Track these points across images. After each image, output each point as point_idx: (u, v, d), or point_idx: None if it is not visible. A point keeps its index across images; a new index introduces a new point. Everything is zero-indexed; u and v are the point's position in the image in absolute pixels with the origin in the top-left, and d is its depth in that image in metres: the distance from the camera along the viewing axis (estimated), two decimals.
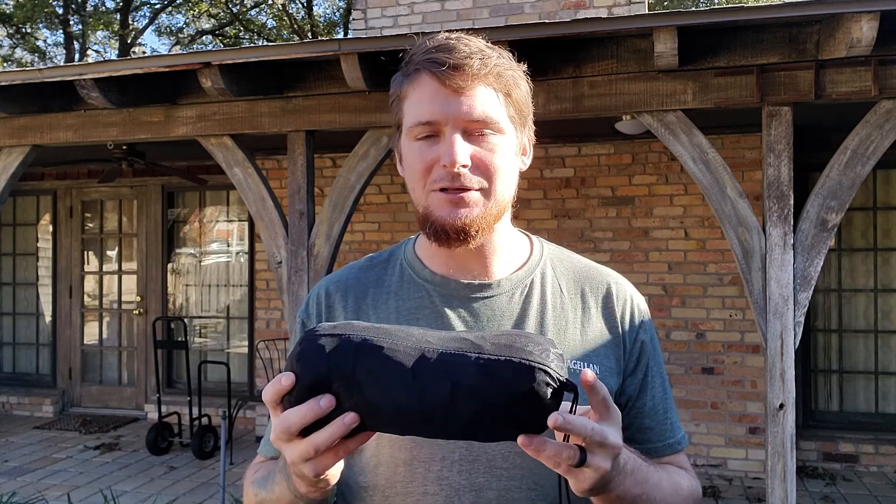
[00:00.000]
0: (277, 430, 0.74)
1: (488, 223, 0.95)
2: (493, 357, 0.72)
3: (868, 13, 2.74)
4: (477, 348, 0.73)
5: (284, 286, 3.71)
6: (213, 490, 4.82)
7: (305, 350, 0.74)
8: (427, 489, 0.95)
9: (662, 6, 15.84)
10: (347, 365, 0.72)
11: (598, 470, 0.75)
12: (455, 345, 0.74)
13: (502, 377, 0.71)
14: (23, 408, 7.04)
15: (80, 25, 16.40)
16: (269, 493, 0.92)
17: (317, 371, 0.72)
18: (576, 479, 0.76)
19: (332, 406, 0.71)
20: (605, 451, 0.75)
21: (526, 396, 0.70)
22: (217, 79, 3.45)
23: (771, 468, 3.08)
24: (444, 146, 0.92)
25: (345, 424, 0.72)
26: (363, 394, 0.72)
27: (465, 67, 0.91)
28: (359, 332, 0.75)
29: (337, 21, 17.25)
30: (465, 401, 0.71)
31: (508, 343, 0.73)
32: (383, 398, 0.71)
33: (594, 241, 5.36)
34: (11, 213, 7.35)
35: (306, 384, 0.72)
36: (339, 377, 0.72)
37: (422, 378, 0.71)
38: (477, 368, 0.71)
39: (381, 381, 0.71)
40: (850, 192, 3.04)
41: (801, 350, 4.96)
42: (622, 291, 1.05)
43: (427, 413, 0.71)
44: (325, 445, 0.73)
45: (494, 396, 0.70)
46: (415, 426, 0.73)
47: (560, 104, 3.38)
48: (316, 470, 0.75)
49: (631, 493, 0.84)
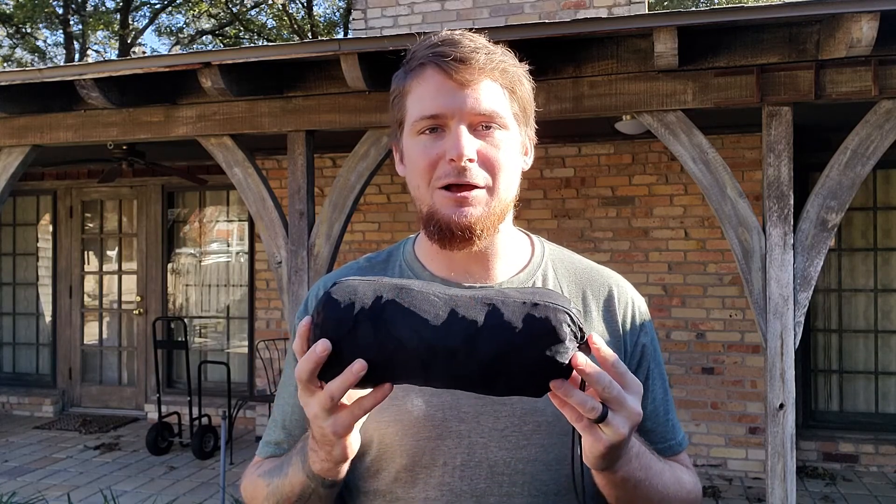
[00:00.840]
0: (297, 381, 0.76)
1: (493, 222, 0.94)
2: (519, 300, 0.75)
3: (868, 13, 2.74)
4: (503, 294, 0.76)
5: (284, 286, 3.71)
6: (213, 490, 4.82)
7: (339, 289, 0.76)
8: (428, 494, 0.94)
9: (662, 6, 15.84)
10: (378, 301, 0.74)
11: (617, 432, 0.75)
12: (482, 293, 0.77)
13: (528, 315, 0.73)
14: (23, 408, 7.04)
15: (80, 25, 16.40)
16: (282, 477, 0.92)
17: (347, 308, 0.74)
18: (593, 438, 0.76)
19: (328, 350, 0.73)
20: (624, 413, 0.75)
21: (549, 333, 0.72)
22: (217, 79, 3.45)
23: (771, 468, 3.08)
24: (450, 140, 0.91)
25: (353, 372, 0.73)
26: (390, 330, 0.73)
27: (472, 61, 0.91)
28: (391, 280, 0.78)
29: (337, 21, 17.26)
30: (491, 336, 0.73)
31: (533, 291, 0.77)
32: (410, 333, 0.73)
33: (594, 241, 5.36)
34: (11, 213, 7.35)
35: (334, 317, 0.74)
36: (369, 313, 0.74)
37: (450, 316, 0.74)
38: (504, 308, 0.74)
39: (410, 316, 0.74)
40: (850, 192, 3.04)
41: (801, 350, 4.96)
42: (623, 294, 1.05)
43: (452, 346, 0.73)
44: (338, 392, 0.74)
45: (519, 333, 0.72)
46: (438, 364, 0.74)
47: (560, 104, 3.38)
48: (335, 427, 0.76)
49: (635, 476, 0.84)
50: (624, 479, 0.83)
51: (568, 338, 0.73)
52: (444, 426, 0.94)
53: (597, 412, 0.73)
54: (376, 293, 0.75)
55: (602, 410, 0.74)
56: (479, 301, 0.75)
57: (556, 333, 0.72)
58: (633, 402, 0.76)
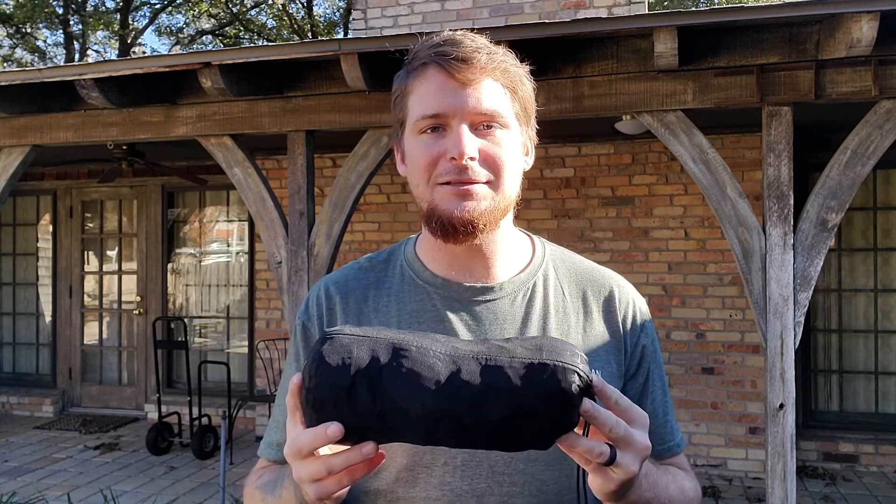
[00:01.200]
0: (289, 448, 0.74)
1: (495, 217, 0.94)
2: (526, 360, 0.72)
3: (868, 13, 2.74)
4: (508, 352, 0.73)
5: (284, 286, 3.71)
6: (213, 490, 4.82)
7: (331, 349, 0.72)
8: (429, 494, 0.94)
9: (662, 6, 15.84)
10: (375, 366, 0.71)
11: (627, 471, 0.74)
12: (485, 348, 0.73)
13: (535, 378, 0.70)
14: (23, 408, 7.04)
15: (80, 25, 16.40)
16: (276, 498, 0.91)
17: (342, 371, 0.70)
18: (604, 479, 0.75)
19: (340, 435, 0.70)
20: (633, 451, 0.74)
21: (558, 396, 0.70)
22: (217, 79, 3.45)
23: (771, 468, 3.08)
24: (451, 139, 0.91)
25: (362, 454, 0.71)
26: (390, 396, 0.70)
27: (473, 60, 0.91)
28: (387, 336, 0.74)
29: (337, 21, 17.26)
30: (498, 402, 0.70)
31: (539, 346, 0.73)
32: (412, 401, 0.69)
33: (594, 241, 5.36)
34: (11, 213, 7.35)
35: (328, 383, 0.70)
36: (365, 378, 0.70)
37: (453, 380, 0.70)
38: (510, 371, 0.71)
39: (410, 383, 0.70)
40: (850, 192, 3.04)
41: (801, 350, 4.96)
42: (624, 294, 1.04)
43: (457, 415, 0.70)
44: (339, 469, 0.72)
45: (527, 397, 0.70)
46: (442, 430, 0.71)
47: (560, 104, 3.38)
48: (319, 493, 0.75)
49: (644, 497, 0.84)
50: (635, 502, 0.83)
51: (577, 397, 0.71)
52: None
53: (605, 456, 0.73)
54: (372, 354, 0.71)
55: (610, 454, 0.73)
56: (482, 361, 0.72)
57: (566, 396, 0.70)
58: (641, 436, 0.75)
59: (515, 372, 0.71)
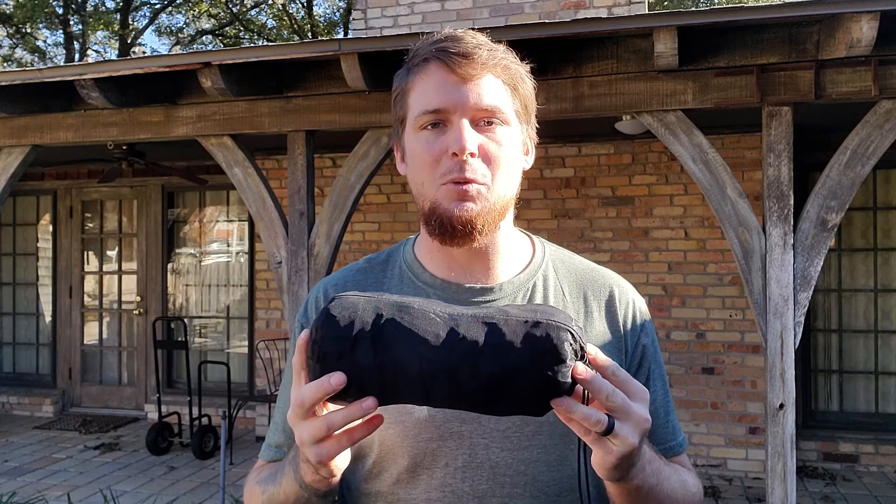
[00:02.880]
0: (294, 403, 0.75)
1: (494, 218, 0.93)
2: (521, 318, 0.74)
3: (868, 13, 2.74)
4: (505, 313, 0.75)
5: (284, 286, 3.71)
6: (213, 490, 4.82)
7: (338, 305, 0.75)
8: (430, 496, 0.94)
9: (662, 6, 15.84)
10: (378, 321, 0.73)
11: (626, 442, 0.74)
12: (483, 310, 0.76)
13: (529, 335, 0.72)
14: (23, 408, 7.04)
15: (80, 25, 16.39)
16: (276, 486, 0.91)
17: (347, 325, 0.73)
18: (603, 451, 0.75)
19: (342, 384, 0.71)
20: (632, 423, 0.74)
21: (551, 353, 0.72)
22: (217, 79, 3.45)
23: (771, 468, 3.08)
24: (452, 134, 0.90)
25: (362, 408, 0.72)
26: (390, 348, 0.72)
27: (474, 56, 0.91)
28: (390, 297, 0.77)
29: (337, 21, 17.25)
30: (493, 357, 0.72)
31: (534, 309, 0.76)
32: (411, 353, 0.72)
33: (594, 241, 5.36)
34: (11, 213, 7.35)
35: (332, 335, 0.73)
36: (368, 332, 0.73)
37: (451, 336, 0.73)
38: (505, 327, 0.73)
39: (410, 337, 0.73)
40: (850, 192, 3.04)
41: (801, 350, 4.96)
42: (624, 295, 1.04)
43: (453, 368, 0.72)
44: (339, 425, 0.73)
45: (521, 353, 0.72)
46: (438, 385, 0.73)
47: (560, 104, 3.38)
48: (319, 455, 0.75)
49: (647, 483, 0.83)
50: (638, 488, 0.82)
51: (569, 356, 0.72)
52: (445, 427, 0.94)
53: (602, 425, 0.72)
54: (376, 311, 0.74)
55: (608, 422, 0.73)
56: (480, 320, 0.74)
57: (558, 352, 0.71)
58: (640, 409, 0.75)
59: (510, 328, 0.73)
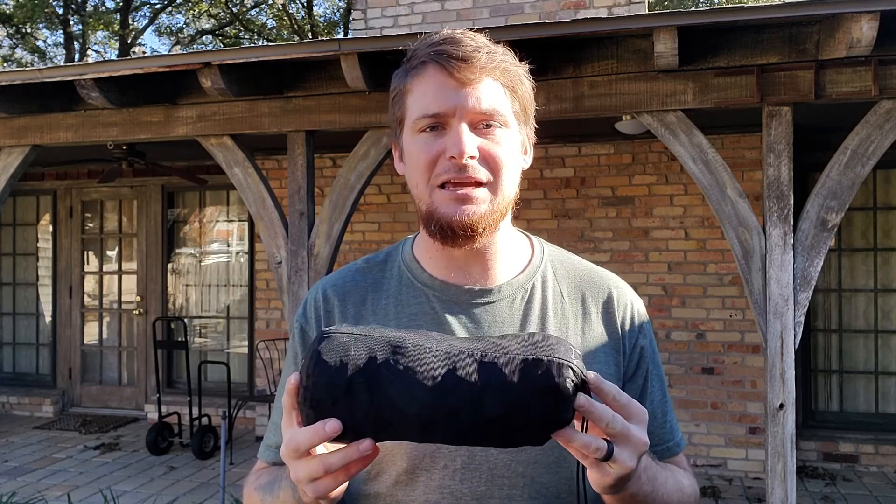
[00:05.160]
0: (286, 447, 0.74)
1: (494, 220, 0.93)
2: (520, 356, 0.72)
3: (868, 13, 2.74)
4: (503, 349, 0.73)
5: (284, 286, 3.71)
6: (213, 490, 4.82)
7: (328, 347, 0.72)
8: (429, 497, 0.94)
9: (662, 6, 15.83)
10: (372, 364, 0.71)
11: (624, 466, 0.74)
12: (481, 345, 0.74)
13: (531, 374, 0.71)
14: (23, 408, 7.04)
15: (80, 25, 16.40)
16: (274, 498, 0.91)
17: (339, 369, 0.71)
18: (600, 474, 0.75)
19: (338, 431, 0.70)
20: (630, 447, 0.74)
21: (553, 391, 0.71)
22: (217, 79, 3.45)
23: (771, 468, 3.08)
24: (451, 137, 0.90)
25: (360, 451, 0.71)
26: (386, 393, 0.70)
27: (473, 59, 0.90)
28: (383, 334, 0.74)
29: (337, 21, 17.26)
30: (493, 398, 0.70)
31: (533, 342, 0.74)
32: (409, 397, 0.70)
33: (594, 241, 5.36)
34: (11, 213, 7.35)
35: (325, 381, 0.71)
36: (362, 376, 0.71)
37: (449, 377, 0.71)
38: (506, 367, 0.72)
39: (406, 379, 0.71)
40: (850, 192, 3.04)
41: (801, 350, 4.96)
42: (622, 296, 1.04)
43: (453, 411, 0.70)
44: (336, 467, 0.72)
45: (522, 393, 0.71)
46: (438, 427, 0.71)
47: (560, 104, 3.38)
48: (317, 492, 0.75)
49: (643, 490, 0.84)
50: (633, 495, 0.83)
51: (571, 392, 0.71)
52: None
53: (602, 452, 0.73)
54: (369, 353, 0.72)
55: (607, 449, 0.73)
56: (477, 359, 0.72)
57: (560, 391, 0.71)
58: (639, 431, 0.75)
59: (510, 368, 0.71)
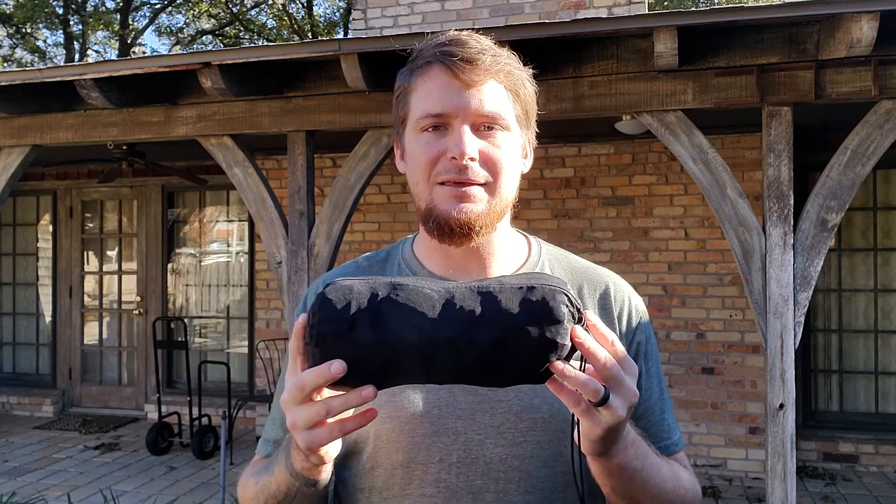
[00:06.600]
0: (289, 392, 0.74)
1: (492, 220, 0.95)
2: (516, 285, 0.74)
3: (868, 13, 2.74)
4: (499, 281, 0.76)
5: (284, 286, 3.71)
6: (213, 490, 4.82)
7: (333, 289, 0.75)
8: (424, 491, 0.94)
9: (662, 6, 15.84)
10: (374, 299, 0.74)
11: (615, 414, 0.74)
12: (478, 282, 0.76)
13: (525, 299, 0.73)
14: (23, 408, 7.04)
15: (80, 25, 16.40)
16: (269, 475, 0.92)
17: (344, 307, 0.73)
18: (591, 422, 0.75)
19: (342, 372, 0.71)
20: (622, 395, 0.75)
21: (548, 315, 0.72)
22: (217, 79, 3.45)
23: (771, 468, 3.08)
24: (452, 138, 0.92)
25: (361, 396, 0.72)
26: (388, 327, 0.72)
27: (478, 62, 0.91)
28: (383, 278, 0.78)
29: (337, 21, 17.26)
30: (491, 323, 0.72)
31: (530, 276, 0.77)
32: (409, 327, 0.72)
33: (594, 241, 5.36)
34: (11, 213, 7.35)
35: (330, 317, 0.73)
36: (366, 312, 0.73)
37: (447, 307, 0.73)
38: (501, 294, 0.73)
39: (407, 311, 0.73)
40: (850, 192, 3.04)
41: (801, 350, 4.96)
42: (620, 291, 1.05)
43: (451, 337, 0.72)
44: (337, 411, 0.73)
45: (518, 318, 0.72)
46: (438, 358, 0.73)
47: (560, 104, 3.38)
48: (311, 441, 0.75)
49: (631, 465, 0.84)
50: (620, 467, 0.83)
51: (566, 318, 0.72)
52: (440, 423, 0.94)
53: (599, 394, 0.73)
54: (371, 291, 0.74)
55: (604, 392, 0.73)
56: (475, 290, 0.74)
57: (554, 314, 0.72)
58: (631, 382, 0.76)
59: (506, 295, 0.73)
